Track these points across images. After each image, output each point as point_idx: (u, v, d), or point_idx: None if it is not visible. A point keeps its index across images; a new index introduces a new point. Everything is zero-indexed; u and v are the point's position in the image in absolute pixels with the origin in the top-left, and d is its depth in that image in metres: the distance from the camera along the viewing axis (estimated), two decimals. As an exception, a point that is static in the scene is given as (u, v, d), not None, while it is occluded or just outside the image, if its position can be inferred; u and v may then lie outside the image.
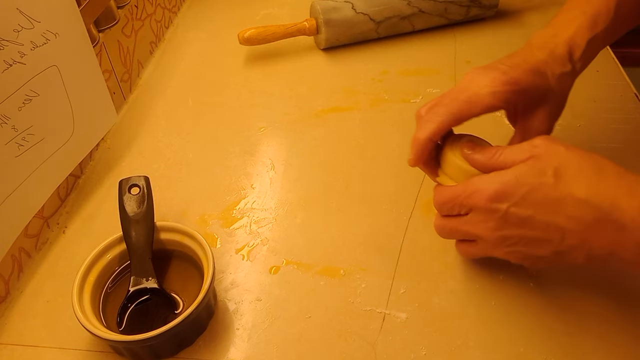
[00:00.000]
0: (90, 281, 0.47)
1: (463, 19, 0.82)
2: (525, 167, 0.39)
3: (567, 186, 0.37)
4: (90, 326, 0.43)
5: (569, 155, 0.38)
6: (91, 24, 0.63)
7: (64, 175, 0.57)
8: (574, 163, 0.38)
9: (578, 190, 0.37)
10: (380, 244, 0.53)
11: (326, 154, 0.64)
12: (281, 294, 0.50)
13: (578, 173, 0.38)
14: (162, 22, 0.86)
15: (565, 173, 0.38)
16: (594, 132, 0.63)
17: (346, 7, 0.77)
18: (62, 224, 0.58)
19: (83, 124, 0.57)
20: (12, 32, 0.46)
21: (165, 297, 0.47)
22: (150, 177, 0.51)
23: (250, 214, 0.58)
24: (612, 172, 0.38)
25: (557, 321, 0.46)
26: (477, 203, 0.40)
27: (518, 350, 0.45)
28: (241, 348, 0.46)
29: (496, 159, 0.41)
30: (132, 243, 0.48)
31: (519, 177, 0.38)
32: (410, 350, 0.45)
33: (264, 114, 0.70)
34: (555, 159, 0.38)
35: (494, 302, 0.48)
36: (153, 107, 0.73)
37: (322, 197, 0.59)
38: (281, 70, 0.78)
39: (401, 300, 0.49)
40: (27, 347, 0.48)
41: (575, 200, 0.37)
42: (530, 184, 0.38)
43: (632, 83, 0.69)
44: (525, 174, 0.38)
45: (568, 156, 0.38)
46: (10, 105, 0.47)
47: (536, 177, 0.38)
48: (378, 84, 0.73)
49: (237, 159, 0.64)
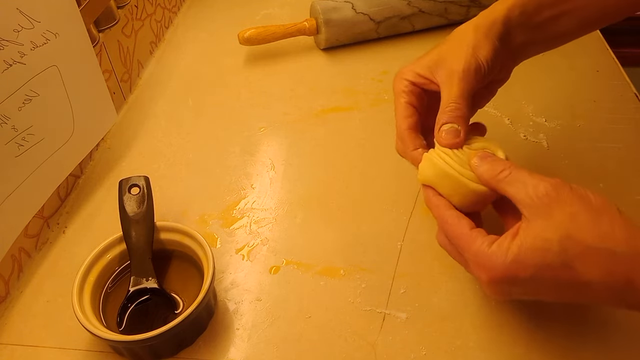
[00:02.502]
0: (90, 281, 0.47)
1: (463, 19, 0.82)
2: (529, 240, 0.35)
3: (576, 272, 0.34)
4: (90, 326, 0.43)
5: (576, 216, 0.35)
6: (91, 24, 0.63)
7: (64, 175, 0.57)
8: (583, 229, 0.34)
9: (590, 276, 0.34)
10: (380, 244, 0.53)
11: (326, 154, 0.64)
12: (281, 294, 0.50)
13: (588, 251, 0.34)
14: (162, 22, 0.86)
15: (573, 248, 0.34)
16: (594, 132, 0.63)
17: (346, 7, 0.77)
18: (62, 224, 0.58)
19: (83, 124, 0.57)
20: (12, 32, 0.46)
21: (165, 297, 0.47)
22: (150, 177, 0.51)
23: (250, 214, 0.58)
24: (624, 240, 0.34)
25: (557, 321, 0.46)
26: (480, 277, 0.37)
27: (518, 350, 0.45)
28: (241, 348, 0.46)
29: (501, 179, 0.38)
30: (132, 243, 0.48)
31: (524, 257, 0.35)
32: (410, 350, 0.45)
33: (264, 113, 0.70)
34: (562, 223, 0.34)
35: (494, 302, 0.48)
36: (153, 107, 0.73)
37: (322, 197, 0.59)
38: (281, 70, 0.78)
39: (401, 300, 0.49)
40: (27, 347, 0.48)
41: (585, 283, 0.34)
42: (535, 266, 0.34)
43: (632, 83, 0.69)
44: (529, 252, 0.35)
45: (575, 218, 0.34)
46: (10, 105, 0.47)
47: (542, 256, 0.34)
48: (378, 84, 0.73)
49: (237, 159, 0.64)
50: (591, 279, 0.34)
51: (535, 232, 0.35)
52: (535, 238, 0.35)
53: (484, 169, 0.39)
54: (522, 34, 0.45)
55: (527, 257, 0.35)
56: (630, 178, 0.58)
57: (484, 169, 0.39)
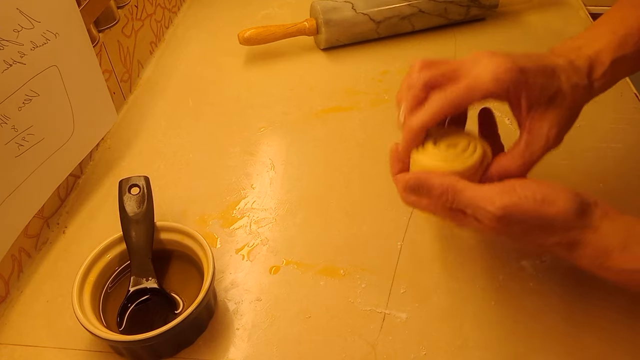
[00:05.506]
0: (90, 281, 0.47)
1: (463, 19, 0.82)
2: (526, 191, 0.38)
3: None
4: (90, 326, 0.43)
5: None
6: (91, 24, 0.63)
7: (64, 175, 0.57)
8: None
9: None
10: (380, 244, 0.53)
11: (326, 154, 0.64)
12: (281, 294, 0.50)
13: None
14: (162, 22, 0.86)
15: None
16: (594, 132, 0.63)
17: (346, 7, 0.77)
18: (62, 224, 0.58)
19: (83, 124, 0.57)
20: (12, 32, 0.46)
21: (165, 297, 0.47)
22: (150, 177, 0.51)
23: (250, 214, 0.58)
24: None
25: (557, 321, 0.46)
26: (486, 208, 0.38)
27: (518, 350, 0.45)
28: (241, 348, 0.46)
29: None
30: (132, 243, 0.48)
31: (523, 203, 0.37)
32: (410, 350, 0.45)
33: (263, 113, 0.70)
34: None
35: (494, 302, 0.48)
36: (153, 107, 0.73)
37: (322, 197, 0.59)
38: (281, 70, 0.78)
39: (401, 300, 0.49)
40: (27, 347, 0.48)
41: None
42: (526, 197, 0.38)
43: (632, 83, 0.69)
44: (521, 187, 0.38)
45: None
46: (10, 105, 0.47)
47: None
48: (378, 84, 0.73)
49: (237, 159, 0.64)
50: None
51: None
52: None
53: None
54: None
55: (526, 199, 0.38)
56: (631, 178, 0.58)
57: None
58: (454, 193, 0.39)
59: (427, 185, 0.41)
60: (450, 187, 0.39)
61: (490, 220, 0.38)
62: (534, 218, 0.38)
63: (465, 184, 0.39)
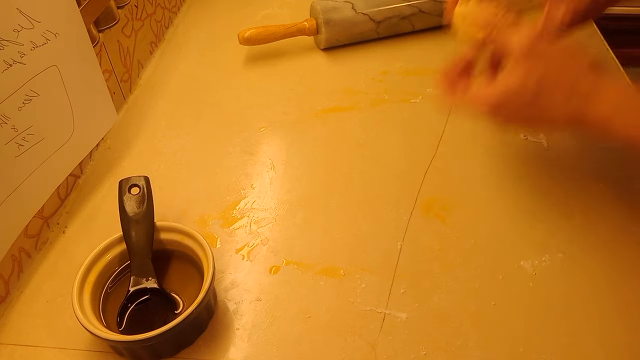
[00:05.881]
0: (90, 281, 0.47)
1: (463, 19, 0.82)
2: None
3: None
4: (90, 326, 0.43)
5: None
6: (91, 24, 0.63)
7: (64, 175, 0.57)
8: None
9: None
10: (380, 244, 0.53)
11: (326, 154, 0.64)
12: (281, 294, 0.50)
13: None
14: (162, 22, 0.86)
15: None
16: (594, 132, 0.63)
17: (346, 7, 0.77)
18: (62, 224, 0.58)
19: (83, 124, 0.57)
20: (12, 32, 0.46)
21: (165, 297, 0.47)
22: (150, 177, 0.51)
23: (250, 214, 0.58)
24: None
25: (557, 321, 0.46)
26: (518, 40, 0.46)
27: (518, 350, 0.45)
28: (241, 348, 0.46)
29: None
30: (132, 243, 0.48)
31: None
32: (410, 350, 0.45)
33: (263, 113, 0.70)
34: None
35: (494, 302, 0.48)
36: (153, 107, 0.73)
37: (322, 197, 0.59)
38: (281, 70, 0.78)
39: (401, 300, 0.49)
40: (27, 347, 0.48)
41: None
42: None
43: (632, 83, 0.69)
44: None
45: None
46: (10, 105, 0.47)
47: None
48: (378, 84, 0.73)
49: (237, 159, 0.64)
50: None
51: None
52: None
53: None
54: None
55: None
56: (630, 178, 0.58)
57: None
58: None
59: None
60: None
61: (521, 47, 0.44)
62: (559, 56, 0.44)
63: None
